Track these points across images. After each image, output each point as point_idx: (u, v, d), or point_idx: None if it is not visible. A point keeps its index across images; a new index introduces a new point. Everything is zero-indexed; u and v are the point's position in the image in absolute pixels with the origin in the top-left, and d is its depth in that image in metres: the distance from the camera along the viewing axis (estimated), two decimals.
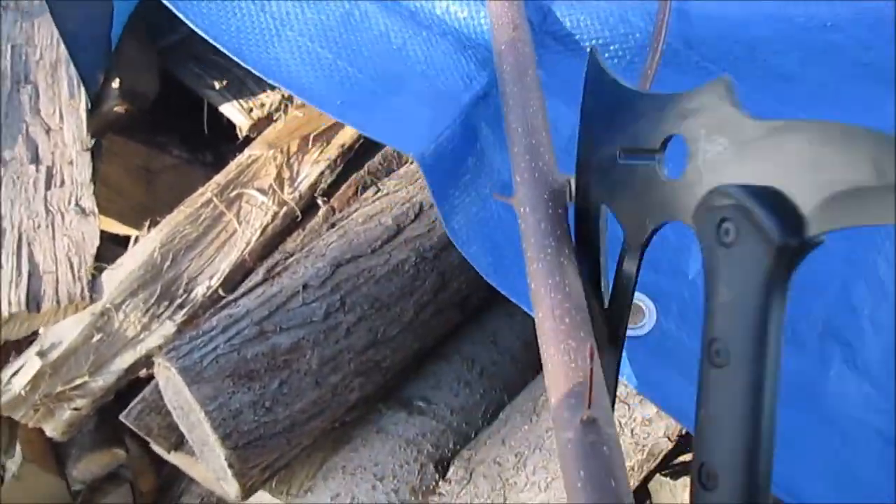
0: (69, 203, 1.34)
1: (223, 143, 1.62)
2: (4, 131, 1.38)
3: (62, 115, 1.43)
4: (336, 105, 0.87)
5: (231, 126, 1.55)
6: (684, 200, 0.52)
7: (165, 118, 1.63)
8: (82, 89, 1.43)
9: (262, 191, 1.36)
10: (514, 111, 0.84)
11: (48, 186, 1.35)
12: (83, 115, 1.42)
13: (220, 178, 1.37)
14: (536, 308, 0.65)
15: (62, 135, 1.41)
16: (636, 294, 0.64)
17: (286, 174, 1.39)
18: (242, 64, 0.88)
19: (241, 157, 1.40)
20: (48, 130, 1.42)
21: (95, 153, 1.43)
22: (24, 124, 1.41)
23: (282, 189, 1.37)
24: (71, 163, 1.38)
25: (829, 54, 0.95)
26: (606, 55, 1.03)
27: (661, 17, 0.95)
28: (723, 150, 0.49)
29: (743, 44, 0.96)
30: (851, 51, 0.96)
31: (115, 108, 1.45)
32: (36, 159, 1.38)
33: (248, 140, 1.50)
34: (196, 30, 0.89)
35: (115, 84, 1.44)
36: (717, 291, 0.49)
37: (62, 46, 1.48)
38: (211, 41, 0.88)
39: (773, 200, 0.45)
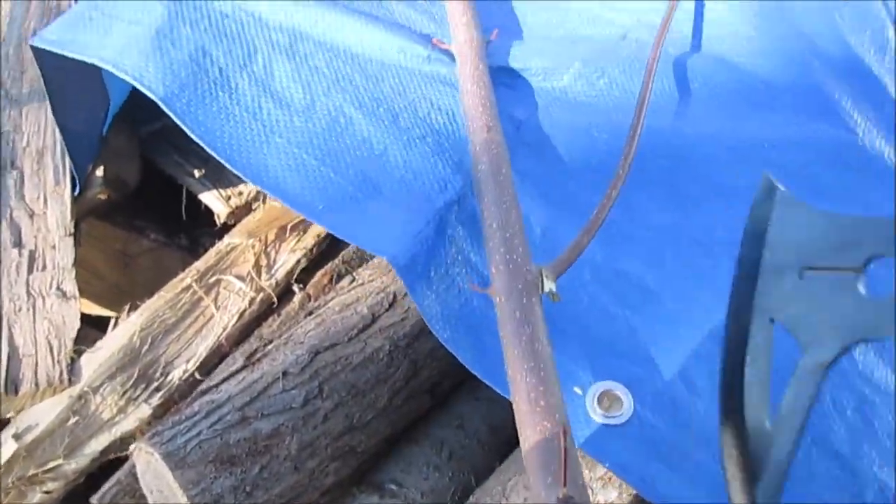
0: (51, 287, 1.38)
1: (199, 227, 1.68)
2: None
3: (47, 200, 1.48)
4: (318, 210, 0.95)
5: (208, 211, 1.61)
6: (885, 322, 0.55)
7: (144, 202, 1.68)
8: (67, 176, 1.49)
9: (240, 277, 1.42)
10: (489, 208, 0.93)
11: (30, 270, 1.39)
12: (68, 201, 1.48)
13: (199, 264, 1.43)
14: (513, 392, 0.72)
15: (46, 220, 1.46)
16: (613, 384, 0.70)
17: (263, 262, 1.45)
18: (232, 170, 0.95)
19: (221, 245, 1.46)
20: (32, 215, 1.46)
21: (76, 237, 1.48)
22: (9, 209, 1.46)
23: (259, 276, 1.43)
24: (54, 247, 1.43)
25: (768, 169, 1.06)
26: (568, 161, 1.14)
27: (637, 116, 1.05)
28: None
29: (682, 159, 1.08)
30: (790, 167, 1.08)
31: (99, 195, 1.51)
32: (19, 243, 1.42)
33: (224, 225, 1.57)
34: (192, 135, 0.97)
35: (100, 172, 1.50)
36: None
37: (48, 134, 1.54)
38: (205, 147, 0.95)
39: None
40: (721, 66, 1.22)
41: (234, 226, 1.53)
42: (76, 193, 1.48)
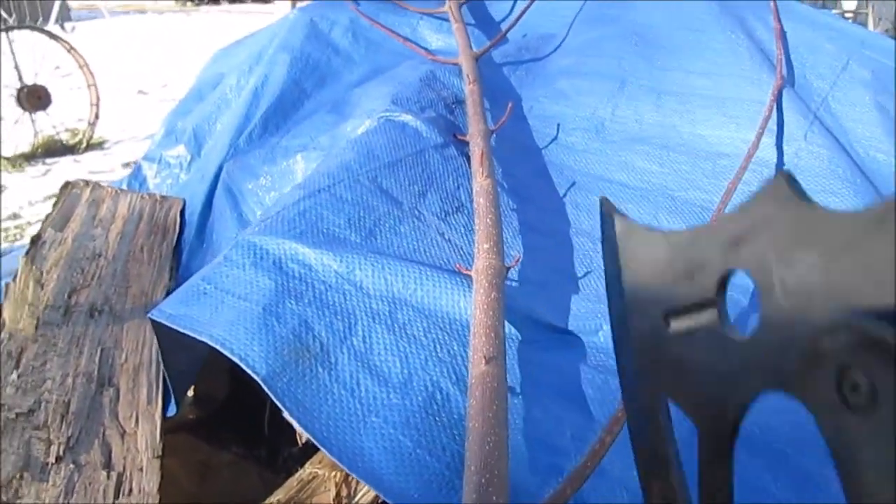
0: None
1: (280, 439, 1.70)
2: (83, 436, 1.47)
3: (138, 420, 1.52)
4: (413, 498, 0.94)
5: (289, 426, 1.63)
6: (771, 360, 0.36)
7: (227, 414, 1.72)
8: (160, 394, 1.54)
9: None
10: (471, 447, 0.88)
11: (117, 495, 1.41)
12: (158, 420, 1.52)
13: (280, 494, 1.43)
14: None
15: (136, 440, 1.50)
16: None
17: (344, 492, 1.45)
18: (327, 455, 0.97)
19: (303, 473, 1.46)
20: (123, 434, 1.50)
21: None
22: (102, 427, 1.50)
23: None
24: (141, 469, 1.46)
25: None
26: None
27: None
28: (810, 268, 0.34)
29: None
30: None
31: (188, 414, 1.55)
32: (108, 464, 1.46)
33: (307, 442, 1.58)
34: (289, 418, 0.99)
35: (191, 392, 1.55)
36: (862, 475, 0.32)
37: (146, 350, 1.61)
38: (301, 430, 0.98)
39: None
40: None
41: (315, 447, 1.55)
42: (172, 414, 1.52)
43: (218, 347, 1.03)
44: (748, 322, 0.41)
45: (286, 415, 0.99)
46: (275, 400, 1.00)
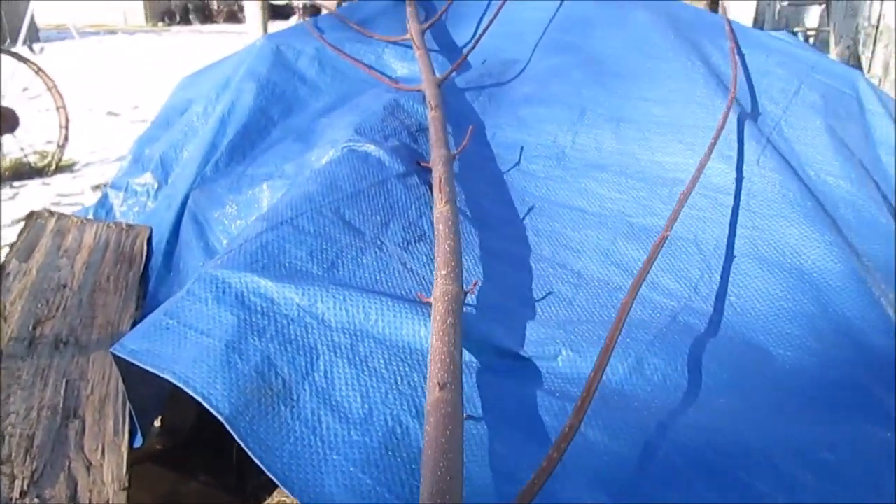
0: None
1: (247, 467, 1.70)
2: (48, 469, 1.47)
3: (104, 451, 1.52)
4: None
5: None
6: None
7: (194, 443, 1.73)
8: (126, 426, 1.54)
9: None
10: (425, 476, 0.88)
11: None
12: (124, 452, 1.52)
13: None
14: None
15: (102, 472, 1.49)
16: None
17: None
18: (288, 494, 0.98)
19: (271, 502, 1.48)
20: (89, 467, 1.50)
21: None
22: (68, 460, 1.50)
23: None
24: (108, 502, 1.46)
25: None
26: None
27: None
28: None
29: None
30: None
31: (155, 445, 1.55)
32: (74, 498, 1.45)
33: None
34: (252, 456, 1.01)
35: (158, 422, 1.55)
36: None
37: (112, 382, 1.61)
38: (264, 469, 0.99)
39: None
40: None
41: None
42: (138, 446, 1.52)
43: (181, 385, 1.05)
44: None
45: (249, 453, 1.01)
46: (237, 439, 1.02)
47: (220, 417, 1.02)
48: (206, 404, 1.03)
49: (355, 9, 2.71)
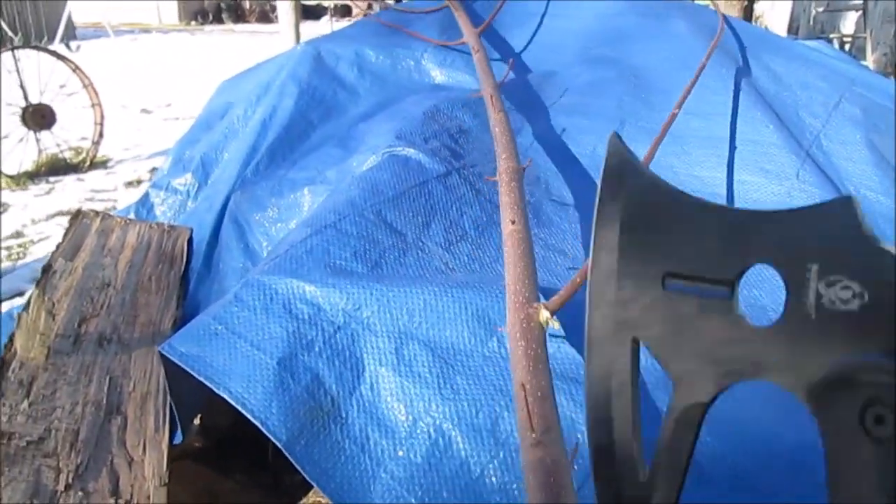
0: None
1: (284, 466, 1.73)
2: (92, 464, 1.50)
3: (146, 448, 1.55)
4: None
5: None
6: (784, 359, 0.40)
7: (232, 442, 1.76)
8: (167, 423, 1.58)
9: None
10: None
11: None
12: (165, 448, 1.55)
13: None
14: None
15: (143, 468, 1.53)
16: None
17: None
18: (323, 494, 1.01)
19: (307, 501, 1.50)
20: (130, 462, 1.54)
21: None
22: (110, 455, 1.54)
23: None
24: (148, 497, 1.49)
25: None
26: None
27: None
28: (854, 298, 0.36)
29: None
30: None
31: (194, 443, 1.58)
32: (116, 492, 1.49)
33: None
34: (308, 479, 1.03)
35: (197, 420, 1.59)
36: (862, 493, 0.37)
37: (154, 379, 1.64)
38: (322, 492, 1.01)
39: None
40: None
41: None
42: (178, 442, 1.56)
43: (238, 407, 1.07)
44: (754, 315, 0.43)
45: (306, 477, 1.03)
46: (295, 464, 1.04)
47: (278, 444, 1.04)
48: (264, 430, 1.05)
49: (392, 15, 2.73)
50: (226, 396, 1.08)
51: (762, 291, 1.36)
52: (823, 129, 1.95)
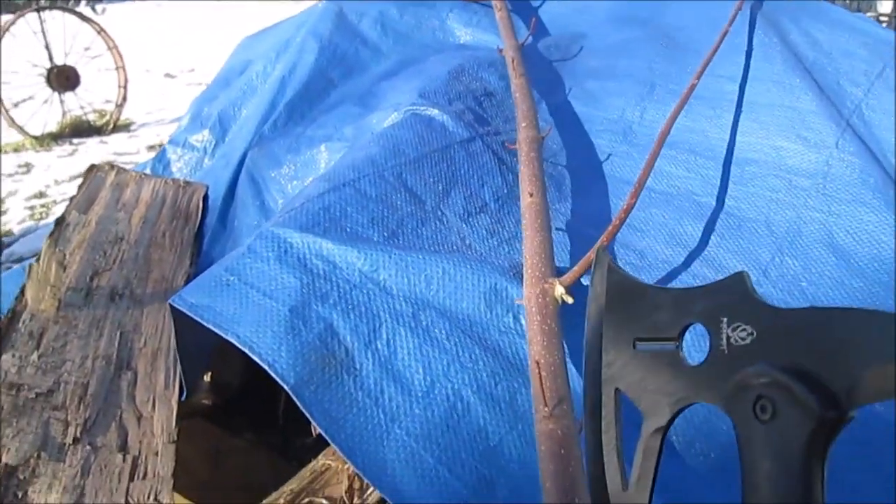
0: (149, 497, 1.40)
1: (293, 427, 1.70)
2: (101, 418, 1.48)
3: (155, 404, 1.53)
4: None
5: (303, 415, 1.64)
6: (710, 383, 0.58)
7: (240, 400, 1.73)
8: (176, 380, 1.55)
9: (331, 500, 1.42)
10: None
11: (132, 478, 1.42)
12: (174, 405, 1.52)
13: (294, 484, 1.43)
14: None
15: (152, 424, 1.50)
16: None
17: (356, 485, 1.45)
18: (352, 466, 0.97)
19: (316, 464, 1.47)
20: (140, 418, 1.51)
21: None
22: (119, 410, 1.51)
23: (351, 500, 1.42)
24: (156, 454, 1.46)
25: None
26: None
27: None
28: (748, 335, 0.56)
29: None
30: None
31: (203, 400, 1.55)
32: (124, 447, 1.47)
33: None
34: (317, 426, 0.99)
35: (206, 377, 1.56)
36: (757, 464, 0.53)
37: (164, 336, 1.62)
38: (328, 439, 0.97)
39: (807, 378, 0.51)
40: None
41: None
42: (183, 398, 1.53)
43: (245, 350, 1.03)
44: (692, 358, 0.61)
45: (314, 425, 0.99)
46: (303, 409, 1.00)
47: (286, 387, 1.00)
48: (271, 372, 1.01)
49: None
50: (233, 341, 1.04)
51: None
52: (865, 97, 1.86)
